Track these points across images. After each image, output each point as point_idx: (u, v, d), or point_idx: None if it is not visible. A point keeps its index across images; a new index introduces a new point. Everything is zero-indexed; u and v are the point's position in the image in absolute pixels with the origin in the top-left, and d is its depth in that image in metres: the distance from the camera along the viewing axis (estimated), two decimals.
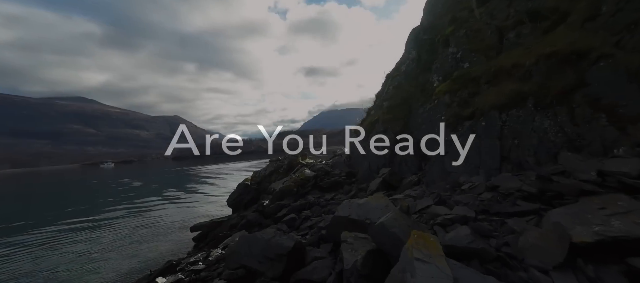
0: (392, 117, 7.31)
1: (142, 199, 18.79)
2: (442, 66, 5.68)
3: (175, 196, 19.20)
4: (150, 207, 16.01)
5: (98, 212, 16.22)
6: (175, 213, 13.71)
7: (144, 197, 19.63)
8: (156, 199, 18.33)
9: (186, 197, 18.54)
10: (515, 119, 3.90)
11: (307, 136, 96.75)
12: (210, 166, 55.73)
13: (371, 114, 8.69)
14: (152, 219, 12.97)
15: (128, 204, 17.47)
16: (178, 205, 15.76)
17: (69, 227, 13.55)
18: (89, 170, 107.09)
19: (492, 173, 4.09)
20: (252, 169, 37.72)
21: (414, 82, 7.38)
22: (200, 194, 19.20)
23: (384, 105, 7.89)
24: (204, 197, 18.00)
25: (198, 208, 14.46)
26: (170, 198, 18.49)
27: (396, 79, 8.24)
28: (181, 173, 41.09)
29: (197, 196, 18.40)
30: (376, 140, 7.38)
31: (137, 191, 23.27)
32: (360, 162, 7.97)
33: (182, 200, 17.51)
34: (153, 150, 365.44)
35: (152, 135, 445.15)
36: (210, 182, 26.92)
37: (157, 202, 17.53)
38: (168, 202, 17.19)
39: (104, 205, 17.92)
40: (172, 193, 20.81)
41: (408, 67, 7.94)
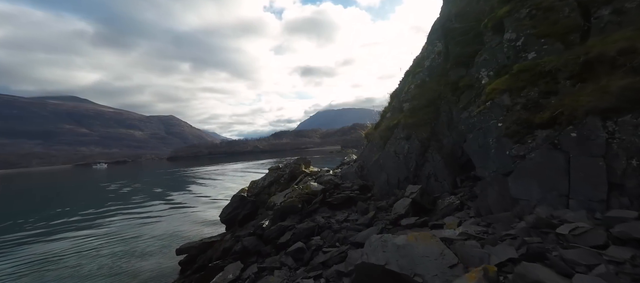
0: (417, 121, 6.07)
1: (129, 206, 17.36)
2: (493, 58, 4.45)
3: (166, 203, 17.79)
4: (137, 217, 14.61)
5: (75, 221, 14.77)
6: (163, 226, 12.35)
7: (131, 204, 18.20)
8: (144, 207, 16.92)
9: (177, 204, 17.14)
10: (631, 129, 2.69)
11: (304, 136, 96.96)
12: (207, 167, 54.13)
13: (387, 116, 7.44)
14: (135, 233, 11.60)
15: (112, 213, 16.03)
16: (167, 216, 14.38)
17: (33, 238, 12.10)
18: (81, 171, 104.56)
19: (594, 206, 2.88)
20: (249, 172, 36.17)
21: (443, 79, 6.14)
22: (193, 201, 17.81)
23: (404, 107, 6.64)
24: (197, 204, 16.62)
25: (188, 220, 13.11)
26: (160, 205, 17.10)
27: (418, 75, 6.99)
28: (175, 175, 39.52)
29: (189, 204, 17.00)
30: (396, 148, 6.15)
31: (124, 197, 21.77)
32: (375, 174, 6.73)
33: (172, 208, 16.13)
34: (148, 150, 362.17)
35: (146, 135, 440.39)
36: (205, 185, 25.50)
37: (144, 210, 16.12)
38: (157, 210, 15.81)
39: (84, 213, 16.44)
40: (163, 199, 19.40)
41: (433, 62, 6.71)
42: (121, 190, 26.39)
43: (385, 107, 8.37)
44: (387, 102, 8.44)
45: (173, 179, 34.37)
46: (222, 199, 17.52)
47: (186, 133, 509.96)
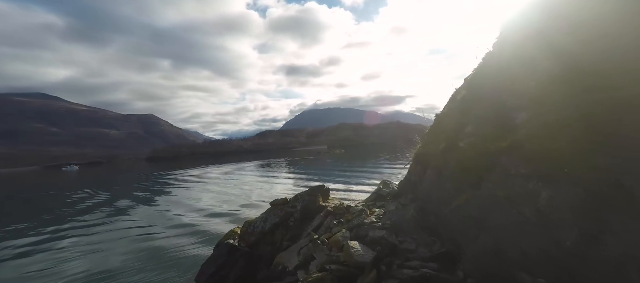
0: (560, 147, 3.33)
1: (81, 235, 13.69)
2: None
3: (132, 229, 14.23)
4: (89, 244, 11.12)
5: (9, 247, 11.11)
6: (113, 261, 9.08)
7: (86, 230, 14.52)
8: (102, 238, 13.27)
9: (146, 233, 13.55)
10: None
11: (290, 135, 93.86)
12: (189, 170, 49.66)
13: (466, 131, 4.71)
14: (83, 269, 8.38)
15: (60, 235, 12.36)
16: (128, 260, 10.87)
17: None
18: (50, 173, 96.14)
19: None
20: (236, 176, 32.25)
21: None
22: (168, 228, 14.14)
23: (516, 119, 3.90)
24: (172, 237, 12.73)
25: (155, 270, 9.69)
26: (125, 234, 13.53)
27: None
28: (154, 180, 35.26)
29: (163, 235, 13.09)
30: (515, 195, 3.50)
31: (82, 216, 17.96)
32: (461, 230, 3.99)
33: (138, 241, 12.56)
34: (125, 150, 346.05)
35: (123, 134, 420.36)
36: (186, 196, 21.84)
37: (100, 245, 12.45)
38: (116, 247, 12.19)
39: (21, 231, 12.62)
40: (132, 219, 15.84)
41: None
42: (78, 207, 22.16)
43: (443, 111, 5.70)
44: (447, 106, 5.77)
45: (150, 186, 30.33)
46: (207, 217, 14.36)
47: (167, 132, 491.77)
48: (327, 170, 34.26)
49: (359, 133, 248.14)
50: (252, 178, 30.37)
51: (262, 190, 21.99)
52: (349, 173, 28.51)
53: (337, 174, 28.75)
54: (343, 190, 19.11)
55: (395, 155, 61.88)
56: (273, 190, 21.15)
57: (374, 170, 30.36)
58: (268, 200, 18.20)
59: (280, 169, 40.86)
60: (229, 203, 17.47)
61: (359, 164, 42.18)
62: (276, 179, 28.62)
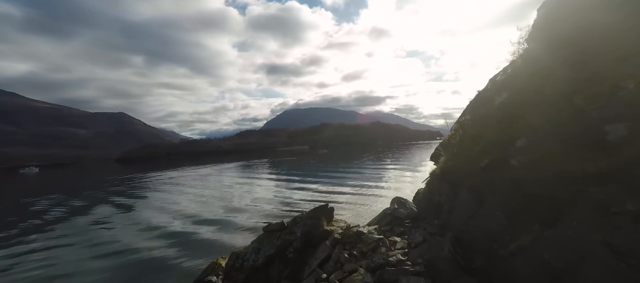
0: None
1: (28, 252, 11.61)
2: None
3: (95, 247, 12.29)
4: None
5: None
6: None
7: (26, 265, 12.39)
8: (57, 256, 11.32)
9: (116, 250, 11.64)
10: None
11: (272, 135, 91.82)
12: (165, 172, 46.48)
13: (519, 146, 3.76)
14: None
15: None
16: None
17: None
18: (4, 176, 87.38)
19: None
20: (217, 179, 29.65)
21: None
22: (143, 242, 12.26)
23: (615, 134, 2.97)
24: (150, 251, 10.99)
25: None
26: (91, 254, 11.63)
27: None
28: (123, 185, 32.20)
29: (137, 253, 11.25)
30: (633, 241, 2.57)
31: (24, 240, 15.57)
32: (525, 277, 3.10)
33: (108, 258, 10.82)
34: (94, 150, 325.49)
35: (92, 133, 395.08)
36: (161, 206, 19.61)
37: (57, 268, 10.55)
38: (81, 267, 10.41)
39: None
40: (94, 233, 13.79)
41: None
42: (23, 226, 19.59)
43: (468, 118, 4.84)
44: (473, 111, 4.91)
45: (118, 194, 27.57)
46: (188, 236, 12.65)
47: (140, 131, 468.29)
48: (313, 172, 33.15)
49: (341, 133, 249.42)
50: (235, 181, 28.63)
51: (246, 193, 20.48)
52: (336, 175, 27.62)
53: (324, 176, 27.77)
54: (332, 192, 18.11)
55: (378, 155, 62.00)
56: (258, 195, 19.74)
57: (360, 171, 29.70)
58: (255, 205, 16.85)
59: (263, 171, 39.23)
60: (212, 209, 15.90)
61: (343, 165, 41.47)
62: (260, 182, 27.09)
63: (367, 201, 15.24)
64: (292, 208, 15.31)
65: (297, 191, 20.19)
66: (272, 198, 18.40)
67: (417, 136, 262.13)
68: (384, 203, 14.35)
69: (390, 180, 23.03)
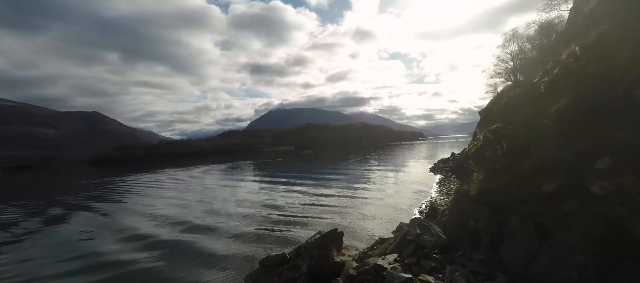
0: None
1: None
2: None
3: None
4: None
5: None
6: None
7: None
8: None
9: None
10: None
11: (256, 136, 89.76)
12: (144, 175, 43.64)
13: (601, 167, 3.05)
14: None
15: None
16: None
17: None
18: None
19: None
20: (199, 182, 27.14)
21: None
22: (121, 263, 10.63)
23: None
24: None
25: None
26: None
27: None
28: (97, 190, 29.51)
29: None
30: None
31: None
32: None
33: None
34: (64, 152, 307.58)
35: (62, 134, 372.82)
36: (141, 212, 17.62)
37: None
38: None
39: None
40: (64, 262, 11.96)
41: None
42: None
43: (508, 128, 4.11)
44: (508, 118, 4.19)
45: (91, 197, 25.18)
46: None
47: (116, 132, 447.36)
48: (301, 174, 32.11)
49: (326, 133, 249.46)
50: (218, 184, 27.02)
51: (231, 197, 19.12)
52: (324, 178, 26.75)
53: (312, 178, 26.81)
54: (323, 195, 17.19)
55: (364, 156, 61.87)
56: (245, 200, 18.47)
57: (349, 173, 29.02)
58: (241, 211, 15.42)
59: (249, 174, 37.71)
60: (196, 214, 14.43)
61: (331, 166, 40.74)
62: (245, 185, 25.68)
63: (361, 206, 14.47)
64: (281, 213, 14.27)
65: (287, 196, 19.13)
66: (259, 203, 17.25)
67: (400, 137, 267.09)
68: (378, 207, 13.62)
69: (382, 183, 22.46)
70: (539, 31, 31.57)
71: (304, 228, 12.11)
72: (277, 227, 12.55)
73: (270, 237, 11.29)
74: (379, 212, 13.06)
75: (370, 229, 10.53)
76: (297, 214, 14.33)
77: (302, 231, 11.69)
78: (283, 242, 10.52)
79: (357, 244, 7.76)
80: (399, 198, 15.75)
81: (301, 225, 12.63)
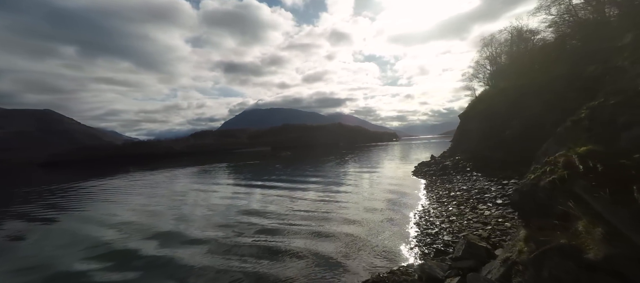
0: None
1: None
2: None
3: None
4: None
5: None
6: None
7: None
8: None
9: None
10: None
11: (231, 136, 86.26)
12: (106, 180, 39.12)
13: None
14: None
15: None
16: None
17: None
18: None
19: None
20: (166, 188, 23.48)
21: None
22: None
23: None
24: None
25: None
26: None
27: None
28: (51, 200, 25.63)
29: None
30: None
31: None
32: None
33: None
34: (12, 153, 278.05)
35: (9, 133, 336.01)
36: (105, 233, 15.12)
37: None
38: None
39: None
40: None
41: None
42: None
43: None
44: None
45: (40, 206, 21.76)
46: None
47: (74, 131, 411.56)
48: (280, 177, 30.68)
49: (304, 134, 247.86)
50: (193, 190, 24.80)
51: (207, 206, 17.40)
52: (306, 180, 25.62)
53: (292, 181, 25.55)
54: (305, 199, 16.05)
55: (343, 157, 61.61)
56: (224, 212, 16.86)
57: (330, 177, 28.14)
58: (220, 220, 13.63)
59: (225, 178, 35.54)
60: (165, 224, 12.68)
61: (311, 169, 39.75)
62: (223, 192, 23.78)
63: (348, 215, 13.65)
64: (264, 224, 13.01)
65: (268, 203, 17.81)
66: (238, 211, 15.77)
67: (376, 137, 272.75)
68: (367, 220, 12.86)
69: (365, 188, 21.87)
70: (509, 39, 32.99)
71: (288, 238, 11.04)
72: (262, 238, 11.34)
73: (254, 248, 10.07)
74: (369, 226, 12.27)
75: (367, 253, 9.65)
76: (279, 223, 13.23)
77: (283, 241, 10.63)
78: (268, 255, 9.39)
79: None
80: (387, 206, 15.12)
81: (282, 235, 11.60)
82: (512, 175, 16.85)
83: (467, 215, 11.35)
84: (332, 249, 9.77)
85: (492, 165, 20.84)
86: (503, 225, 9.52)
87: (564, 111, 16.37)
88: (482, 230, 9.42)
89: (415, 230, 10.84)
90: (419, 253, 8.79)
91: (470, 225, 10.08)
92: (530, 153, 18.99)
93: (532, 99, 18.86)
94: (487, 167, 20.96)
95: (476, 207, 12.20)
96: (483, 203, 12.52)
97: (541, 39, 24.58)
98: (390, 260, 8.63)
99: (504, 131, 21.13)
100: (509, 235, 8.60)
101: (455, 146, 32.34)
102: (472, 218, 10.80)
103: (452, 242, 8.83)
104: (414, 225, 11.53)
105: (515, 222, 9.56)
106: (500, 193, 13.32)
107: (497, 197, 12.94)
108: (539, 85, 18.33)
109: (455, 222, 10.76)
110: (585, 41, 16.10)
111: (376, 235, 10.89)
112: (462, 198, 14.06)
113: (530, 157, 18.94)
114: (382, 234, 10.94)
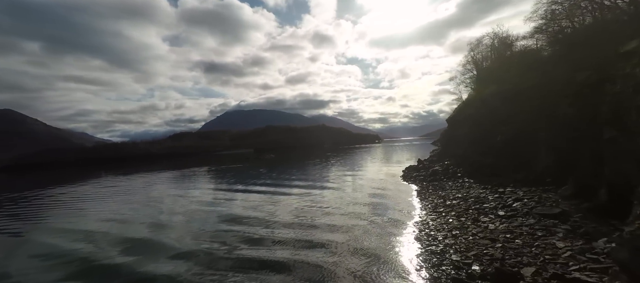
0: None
1: None
2: None
3: None
4: None
5: None
6: None
7: None
8: None
9: None
10: None
11: (212, 138, 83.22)
12: (77, 187, 35.42)
13: None
14: None
15: None
16: None
17: None
18: None
19: None
20: (142, 195, 21.27)
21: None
22: None
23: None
24: None
25: None
26: None
27: None
28: (15, 209, 22.41)
29: None
30: None
31: None
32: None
33: None
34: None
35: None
36: (78, 246, 13.03)
37: None
38: None
39: None
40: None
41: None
42: None
43: None
44: None
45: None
46: None
47: (39, 133, 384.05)
48: (267, 182, 29.18)
49: (287, 136, 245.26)
50: (170, 196, 22.82)
51: (187, 214, 15.79)
52: (293, 184, 24.39)
53: (281, 185, 24.21)
54: (303, 205, 14.94)
55: (328, 160, 60.90)
56: (213, 227, 15.37)
57: (318, 182, 27.07)
58: (207, 240, 11.96)
59: (207, 184, 33.54)
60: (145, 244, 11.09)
61: (297, 172, 38.65)
62: (202, 197, 22.05)
63: (345, 227, 12.74)
64: (257, 240, 11.79)
65: (268, 210, 16.52)
66: (229, 222, 14.39)
67: (359, 139, 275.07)
68: (364, 232, 12.01)
69: (356, 194, 21.10)
70: (491, 45, 33.54)
71: (274, 250, 9.95)
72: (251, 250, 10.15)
73: (243, 260, 8.87)
74: (369, 241, 11.40)
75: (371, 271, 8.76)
76: (266, 231, 12.13)
77: (267, 253, 9.54)
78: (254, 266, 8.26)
79: None
80: (382, 218, 14.33)
81: (267, 248, 10.58)
82: (506, 182, 16.64)
83: (470, 229, 10.75)
84: (337, 273, 8.75)
85: (482, 171, 20.71)
86: (514, 242, 8.95)
87: (555, 118, 16.39)
88: (491, 247, 8.80)
89: (418, 247, 10.08)
90: (428, 277, 7.98)
91: (477, 242, 9.44)
92: (522, 159, 18.97)
93: (523, 104, 18.86)
94: (477, 173, 20.81)
95: (478, 219, 11.66)
96: (484, 215, 12.01)
97: (525, 46, 25.00)
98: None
99: (495, 136, 21.09)
100: (524, 255, 8.02)
101: (443, 150, 32.39)
102: (477, 233, 10.19)
103: (463, 264, 8.09)
104: (415, 240, 10.78)
105: (524, 237, 9.00)
106: (500, 204, 12.89)
107: (497, 208, 12.49)
108: (530, 91, 18.35)
109: (459, 237, 10.10)
110: (575, 48, 16.19)
111: (378, 257, 10.00)
112: (460, 209, 13.53)
113: (522, 163, 18.86)
114: (386, 254, 10.07)
